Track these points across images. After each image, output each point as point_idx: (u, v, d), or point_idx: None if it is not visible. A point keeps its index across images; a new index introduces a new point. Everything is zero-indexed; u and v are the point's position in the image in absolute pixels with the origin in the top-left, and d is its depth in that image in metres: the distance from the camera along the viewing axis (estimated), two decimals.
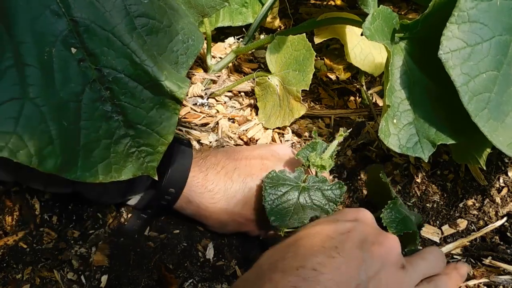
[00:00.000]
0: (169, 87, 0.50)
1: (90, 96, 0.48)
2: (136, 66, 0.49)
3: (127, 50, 0.48)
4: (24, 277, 0.61)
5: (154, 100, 0.51)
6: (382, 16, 0.64)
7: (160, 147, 0.53)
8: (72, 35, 0.47)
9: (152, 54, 0.50)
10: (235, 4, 0.97)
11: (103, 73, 0.48)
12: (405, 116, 0.64)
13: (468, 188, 0.76)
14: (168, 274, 0.63)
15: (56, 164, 0.46)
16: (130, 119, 0.51)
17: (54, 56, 0.46)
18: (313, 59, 0.79)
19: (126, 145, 0.51)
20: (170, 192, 0.63)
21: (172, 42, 0.52)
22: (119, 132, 0.51)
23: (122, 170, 0.52)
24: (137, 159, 0.52)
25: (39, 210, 0.68)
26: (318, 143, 0.65)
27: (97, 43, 0.47)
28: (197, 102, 0.90)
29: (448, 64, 0.56)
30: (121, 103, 0.50)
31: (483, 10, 0.56)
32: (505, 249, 0.68)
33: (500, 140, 0.58)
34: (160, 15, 0.51)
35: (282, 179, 0.63)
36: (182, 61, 0.53)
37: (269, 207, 0.62)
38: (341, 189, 0.63)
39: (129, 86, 0.49)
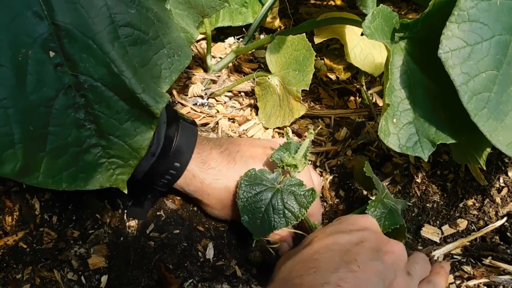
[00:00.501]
0: (145, 100, 0.48)
1: (63, 102, 0.47)
2: (114, 76, 0.47)
3: (106, 59, 0.47)
4: (24, 277, 0.61)
5: (129, 112, 0.49)
6: (382, 15, 0.64)
7: (131, 161, 0.52)
8: (52, 38, 0.45)
9: (133, 65, 0.48)
10: (235, 4, 0.98)
11: (80, 79, 0.47)
12: (405, 115, 0.64)
13: (468, 188, 0.75)
14: (168, 274, 0.63)
15: (14, 168, 0.45)
16: (103, 129, 0.49)
17: (30, 58, 0.45)
18: (313, 59, 0.79)
19: (96, 155, 0.50)
20: (175, 166, 0.64)
21: (156, 55, 0.50)
22: (89, 141, 0.49)
23: (89, 180, 0.50)
24: (106, 170, 0.51)
25: (39, 210, 0.68)
26: (291, 143, 0.66)
27: (77, 49, 0.46)
28: (197, 102, 0.90)
29: (447, 64, 0.56)
30: (95, 112, 0.48)
31: (483, 9, 0.55)
32: (505, 249, 0.68)
33: (499, 140, 0.58)
34: (147, 27, 0.49)
35: (260, 179, 0.64)
36: (165, 75, 0.51)
37: (241, 205, 0.63)
38: (313, 195, 0.62)
39: (104, 95, 0.48)
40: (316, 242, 0.55)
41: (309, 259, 0.53)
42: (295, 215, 0.62)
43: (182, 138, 0.64)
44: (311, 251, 0.54)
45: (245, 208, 0.63)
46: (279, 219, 0.62)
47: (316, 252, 0.53)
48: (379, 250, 0.54)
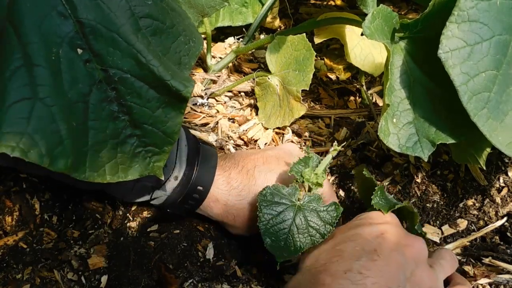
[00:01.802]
0: (175, 86, 0.50)
1: (97, 96, 0.48)
2: (142, 66, 0.49)
3: (132, 50, 0.49)
4: (24, 277, 0.61)
5: (159, 100, 0.51)
6: (382, 15, 0.64)
7: (166, 147, 0.53)
8: (78, 36, 0.47)
9: (157, 54, 0.50)
10: (235, 4, 0.98)
11: (109, 73, 0.48)
12: (405, 115, 0.64)
13: (468, 188, 0.75)
14: (168, 274, 0.63)
15: (67, 164, 0.47)
16: (136, 118, 0.51)
17: (61, 57, 0.46)
18: (313, 59, 0.79)
19: (133, 145, 0.52)
20: (198, 190, 0.64)
21: (174, 43, 0.52)
22: (125, 132, 0.51)
23: (129, 170, 0.52)
24: (143, 159, 0.53)
25: (39, 210, 0.68)
26: (311, 158, 0.64)
27: (103, 44, 0.48)
28: (197, 102, 0.90)
29: (447, 64, 0.56)
30: (127, 103, 0.50)
31: (483, 9, 0.55)
32: (505, 249, 0.68)
33: (499, 140, 0.58)
34: (163, 16, 0.51)
35: (277, 197, 0.61)
36: (185, 62, 0.53)
37: (264, 228, 0.60)
38: (337, 210, 0.61)
39: (135, 86, 0.50)
40: (338, 235, 0.58)
41: (332, 249, 0.56)
42: (320, 233, 0.59)
43: (204, 161, 0.65)
44: (334, 242, 0.57)
45: (267, 230, 0.60)
46: (304, 239, 0.59)
47: (339, 243, 0.56)
48: (399, 243, 0.56)
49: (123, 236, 0.67)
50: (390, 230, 0.57)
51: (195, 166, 0.64)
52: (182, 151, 0.64)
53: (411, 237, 0.58)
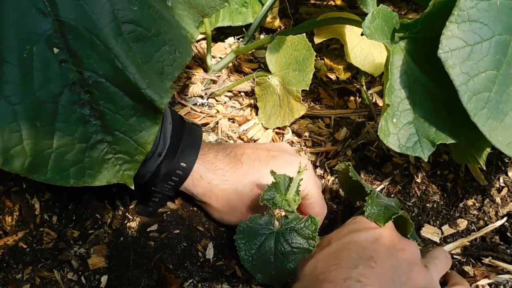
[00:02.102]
0: (149, 95, 0.49)
1: (68, 98, 0.47)
2: (118, 71, 0.48)
3: (110, 54, 0.47)
4: (24, 277, 0.61)
5: (134, 108, 0.50)
6: (382, 15, 0.64)
7: (137, 156, 0.52)
8: (56, 35, 0.46)
9: (137, 61, 0.49)
10: (235, 4, 0.98)
11: (84, 76, 0.47)
12: (405, 115, 0.64)
13: (468, 188, 0.75)
14: (168, 274, 0.63)
15: (23, 164, 0.46)
16: (108, 124, 0.50)
17: (35, 55, 0.45)
18: (313, 59, 0.79)
19: (102, 151, 0.50)
20: (182, 166, 0.64)
21: (158, 52, 0.51)
22: (95, 137, 0.50)
23: (97, 176, 0.51)
24: (113, 166, 0.51)
25: (39, 210, 0.68)
26: (280, 182, 0.62)
27: (81, 45, 0.47)
28: (197, 102, 0.90)
29: (447, 63, 0.56)
30: (100, 108, 0.49)
31: (483, 9, 0.55)
32: (505, 249, 0.68)
33: (499, 140, 0.58)
34: (149, 24, 0.50)
35: (254, 229, 0.61)
36: (168, 72, 0.52)
37: (249, 265, 0.61)
38: (314, 222, 0.61)
39: (109, 91, 0.48)
40: (334, 242, 0.58)
41: (330, 258, 0.56)
42: (305, 249, 0.60)
43: (187, 138, 0.65)
44: (331, 250, 0.57)
45: (254, 267, 0.61)
46: (293, 259, 0.60)
47: (336, 251, 0.57)
48: (393, 247, 0.57)
49: (123, 236, 0.67)
50: (385, 234, 0.58)
51: (179, 143, 0.64)
52: (167, 130, 0.64)
53: (404, 240, 0.60)
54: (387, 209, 0.61)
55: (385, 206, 0.62)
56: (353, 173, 0.64)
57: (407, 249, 0.58)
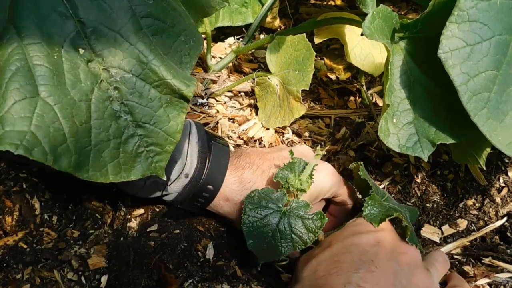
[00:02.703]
0: (177, 85, 0.51)
1: (99, 96, 0.49)
2: (144, 65, 0.49)
3: (134, 50, 0.49)
4: (24, 277, 0.61)
5: (161, 99, 0.51)
6: (382, 15, 0.64)
7: (168, 146, 0.53)
8: (80, 36, 0.47)
9: (159, 53, 0.50)
10: (235, 4, 0.98)
11: (111, 73, 0.49)
12: (405, 115, 0.64)
13: (468, 188, 0.75)
14: (168, 274, 0.63)
15: (70, 162, 0.47)
16: (138, 118, 0.51)
17: (63, 56, 0.47)
18: (313, 59, 0.79)
19: (135, 145, 0.52)
20: (208, 188, 0.64)
21: (176, 42, 0.52)
22: (127, 132, 0.51)
23: (131, 170, 0.52)
24: (145, 159, 0.53)
25: (39, 210, 0.68)
26: (296, 163, 0.63)
27: (105, 44, 0.48)
28: (197, 102, 0.90)
29: (447, 64, 0.56)
30: (129, 103, 0.50)
31: (483, 9, 0.55)
32: (505, 249, 0.68)
33: (499, 140, 0.58)
34: (164, 16, 0.51)
35: (264, 201, 0.61)
36: (186, 61, 0.53)
37: (247, 230, 0.60)
38: (322, 220, 0.61)
39: (136, 85, 0.50)
40: (335, 244, 0.58)
41: (331, 260, 0.56)
42: (302, 240, 0.60)
43: (215, 159, 0.64)
44: (332, 252, 0.57)
45: (250, 233, 0.60)
46: (286, 244, 0.60)
47: (336, 254, 0.56)
48: (394, 250, 0.57)
49: (123, 236, 0.67)
50: (386, 238, 0.58)
51: (205, 165, 0.63)
52: (194, 148, 0.64)
53: (404, 244, 0.59)
54: (388, 212, 0.61)
55: (387, 209, 0.61)
56: (362, 172, 0.65)
57: (408, 253, 0.58)
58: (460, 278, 0.63)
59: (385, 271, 0.54)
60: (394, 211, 0.61)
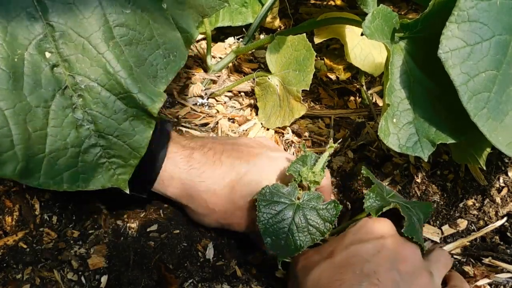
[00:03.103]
0: (141, 100, 0.49)
1: (60, 103, 0.47)
2: (110, 76, 0.48)
3: (102, 59, 0.48)
4: (24, 277, 0.61)
5: (127, 112, 0.50)
6: (382, 15, 0.64)
7: (132, 160, 0.52)
8: (47, 39, 0.46)
9: (129, 65, 0.49)
10: (235, 4, 0.98)
11: (76, 80, 0.47)
12: (405, 115, 0.64)
13: (468, 188, 0.75)
14: (168, 274, 0.63)
15: (15, 170, 0.45)
16: (101, 129, 0.50)
17: (26, 59, 0.45)
18: (313, 59, 0.79)
19: (96, 155, 0.50)
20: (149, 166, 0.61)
21: (152, 55, 0.51)
22: (89, 141, 0.50)
23: (91, 180, 0.51)
24: (107, 170, 0.51)
25: (39, 210, 0.68)
26: (308, 156, 0.63)
27: (73, 49, 0.47)
28: (197, 102, 0.90)
29: (447, 64, 0.56)
30: (92, 112, 0.49)
31: (483, 9, 0.55)
32: (505, 249, 0.68)
33: (499, 140, 0.58)
34: (142, 27, 0.50)
35: (276, 196, 0.61)
36: (162, 75, 0.52)
37: (263, 227, 0.60)
38: (336, 208, 0.61)
39: (101, 95, 0.48)
40: (337, 255, 0.57)
41: (333, 272, 0.55)
42: (320, 231, 0.60)
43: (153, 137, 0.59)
44: (334, 263, 0.56)
45: (267, 230, 0.60)
46: (304, 237, 0.59)
47: (339, 265, 0.56)
48: (395, 259, 0.56)
49: (123, 236, 0.67)
50: (386, 245, 0.57)
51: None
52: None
53: (405, 249, 0.58)
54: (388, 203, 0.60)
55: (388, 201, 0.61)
56: (365, 170, 0.65)
57: (408, 259, 0.57)
58: (460, 278, 0.63)
59: (387, 283, 0.53)
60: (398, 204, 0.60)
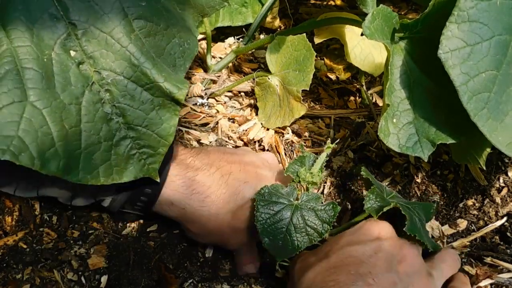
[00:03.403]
0: (168, 88, 0.50)
1: (90, 98, 0.48)
2: (135, 68, 0.49)
3: (125, 52, 0.49)
4: (24, 277, 0.61)
5: (153, 102, 0.51)
6: (382, 15, 0.64)
7: (161, 149, 0.53)
8: (71, 38, 0.47)
9: (151, 56, 0.50)
10: (235, 4, 0.97)
11: (102, 75, 0.49)
12: (405, 115, 0.64)
13: (468, 188, 0.75)
14: (168, 274, 0.63)
15: (59, 166, 0.47)
16: (130, 120, 0.51)
17: (54, 59, 0.46)
18: (313, 59, 0.79)
19: (127, 147, 0.52)
20: (146, 192, 0.59)
21: (169, 44, 0.52)
22: (119, 134, 0.51)
23: (123, 172, 0.52)
24: (138, 160, 0.52)
25: (39, 210, 0.68)
26: (306, 156, 0.64)
27: (96, 46, 0.48)
28: (197, 102, 0.90)
29: (447, 64, 0.56)
30: (120, 105, 0.50)
31: (483, 9, 0.55)
32: (505, 249, 0.68)
33: (499, 140, 0.58)
34: (158, 18, 0.51)
35: (275, 196, 0.61)
36: (180, 63, 0.53)
37: (261, 227, 0.60)
38: (334, 209, 0.61)
39: (128, 88, 0.50)
40: (332, 255, 0.56)
41: (327, 273, 0.54)
42: (318, 231, 0.60)
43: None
44: (329, 264, 0.55)
45: (265, 230, 0.60)
46: (302, 237, 0.59)
47: (334, 266, 0.55)
48: (393, 260, 0.55)
49: (123, 236, 0.67)
50: (383, 247, 0.56)
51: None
52: None
53: (403, 250, 0.57)
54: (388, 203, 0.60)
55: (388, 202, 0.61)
56: (365, 172, 0.65)
57: (407, 260, 0.56)
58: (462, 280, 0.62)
59: (383, 283, 0.52)
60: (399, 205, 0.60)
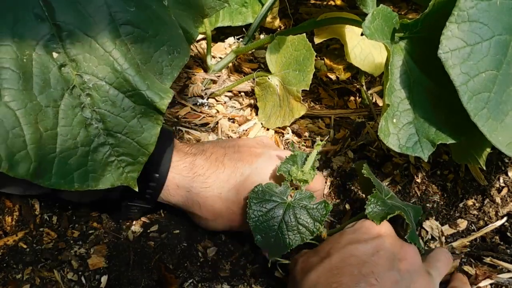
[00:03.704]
0: (150, 97, 0.49)
1: (69, 102, 0.47)
2: (117, 74, 0.48)
3: (109, 57, 0.48)
4: (24, 277, 0.61)
5: (135, 110, 0.50)
6: (382, 15, 0.64)
7: (140, 158, 0.52)
8: (55, 39, 0.46)
9: (136, 63, 0.49)
10: (235, 4, 0.98)
11: (84, 79, 0.48)
12: (405, 115, 0.64)
13: (468, 188, 0.75)
14: (168, 274, 0.63)
15: (28, 169, 0.46)
16: (110, 127, 0.50)
17: (34, 60, 0.45)
18: (313, 59, 0.79)
19: (105, 154, 0.50)
20: (155, 177, 0.61)
21: (157, 52, 0.51)
22: (98, 140, 0.50)
23: (100, 179, 0.51)
24: (116, 168, 0.51)
25: (39, 210, 0.68)
26: (298, 155, 0.64)
27: (80, 49, 0.47)
28: (197, 102, 0.90)
29: (447, 64, 0.56)
30: (101, 111, 0.49)
31: (483, 9, 0.55)
32: (505, 249, 0.68)
33: (499, 140, 0.58)
34: (146, 25, 0.50)
35: (268, 195, 0.62)
36: (167, 72, 0.52)
37: (253, 225, 0.61)
38: (326, 208, 0.61)
39: (109, 93, 0.49)
40: (334, 255, 0.56)
41: (330, 274, 0.54)
42: (310, 230, 0.60)
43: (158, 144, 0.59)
44: (332, 264, 0.55)
45: (257, 227, 0.60)
46: (294, 236, 0.60)
47: (336, 266, 0.55)
48: (394, 258, 0.56)
49: (123, 236, 0.67)
50: (384, 245, 0.56)
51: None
52: None
53: (403, 248, 0.58)
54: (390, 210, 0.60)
55: (390, 207, 0.61)
56: (366, 170, 0.65)
57: (408, 258, 0.57)
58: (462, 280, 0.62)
59: (386, 283, 0.53)
60: (397, 209, 0.60)
